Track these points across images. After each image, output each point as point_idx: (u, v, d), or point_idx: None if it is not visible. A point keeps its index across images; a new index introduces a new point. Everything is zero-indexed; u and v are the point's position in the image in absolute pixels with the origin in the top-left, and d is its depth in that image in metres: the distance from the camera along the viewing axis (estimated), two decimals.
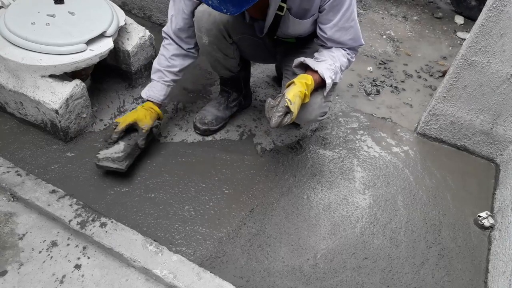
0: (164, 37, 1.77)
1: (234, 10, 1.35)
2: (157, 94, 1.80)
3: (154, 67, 1.80)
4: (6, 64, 1.71)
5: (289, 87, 1.51)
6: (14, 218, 1.58)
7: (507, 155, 2.01)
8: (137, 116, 1.74)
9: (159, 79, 1.79)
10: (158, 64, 1.79)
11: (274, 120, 1.45)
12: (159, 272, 1.44)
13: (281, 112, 1.44)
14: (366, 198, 1.85)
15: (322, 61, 1.56)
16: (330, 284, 1.55)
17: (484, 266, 1.69)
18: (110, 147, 1.70)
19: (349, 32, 1.57)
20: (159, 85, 1.80)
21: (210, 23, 1.60)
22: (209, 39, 1.65)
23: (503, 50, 1.75)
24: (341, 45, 1.60)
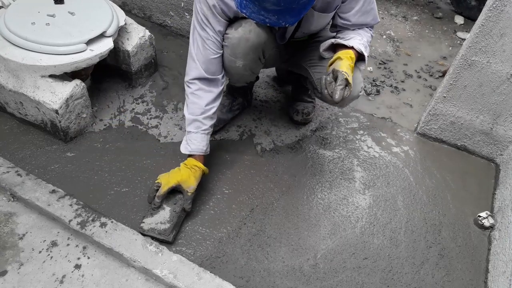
0: (191, 83, 1.63)
1: (292, 21, 1.36)
2: (200, 146, 1.66)
3: (188, 118, 1.65)
4: (6, 64, 1.71)
5: (335, 63, 1.50)
6: (14, 218, 1.58)
7: (507, 155, 2.01)
8: (181, 178, 1.60)
9: (197, 129, 1.65)
10: (192, 114, 1.64)
11: (338, 93, 1.42)
12: (159, 272, 1.44)
13: (342, 85, 1.42)
14: (366, 198, 1.85)
15: (351, 38, 1.57)
16: (330, 284, 1.55)
17: (484, 266, 1.69)
18: (155, 214, 1.57)
19: (370, 13, 1.61)
20: (199, 135, 1.65)
21: (247, 48, 1.55)
22: (244, 63, 1.60)
23: (503, 50, 1.75)
24: (364, 26, 1.63)
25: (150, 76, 2.21)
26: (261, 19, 1.37)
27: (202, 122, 1.65)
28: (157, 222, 1.56)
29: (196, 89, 1.63)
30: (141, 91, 2.13)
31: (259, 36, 1.55)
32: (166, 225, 1.56)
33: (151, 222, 1.56)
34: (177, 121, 2.02)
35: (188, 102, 1.66)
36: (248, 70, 1.66)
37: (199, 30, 1.55)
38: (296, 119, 2.08)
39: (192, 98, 1.64)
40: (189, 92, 1.65)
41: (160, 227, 1.55)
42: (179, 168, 1.63)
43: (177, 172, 1.62)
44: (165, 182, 1.59)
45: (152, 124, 1.98)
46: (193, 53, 1.59)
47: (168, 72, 2.25)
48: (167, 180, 1.60)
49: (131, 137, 1.91)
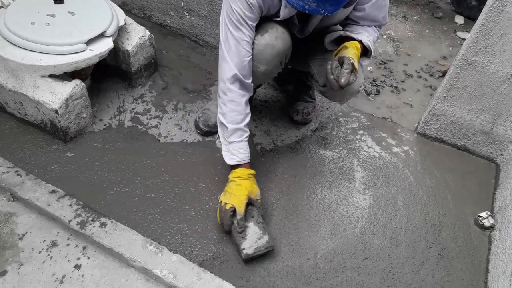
0: (228, 89, 1.57)
1: (331, 9, 1.35)
2: (246, 154, 1.62)
3: (230, 128, 1.58)
4: (6, 64, 1.71)
5: (341, 51, 1.50)
6: (14, 218, 1.58)
7: (507, 155, 2.01)
8: (248, 191, 1.57)
9: (241, 137, 1.60)
10: (232, 123, 1.58)
11: (344, 77, 1.42)
12: (159, 272, 1.44)
13: (349, 69, 1.42)
14: (366, 198, 1.85)
15: (359, 33, 1.58)
16: (330, 284, 1.55)
17: (484, 266, 1.68)
18: (246, 235, 1.54)
19: (383, 10, 1.62)
20: (243, 144, 1.62)
21: (273, 55, 1.56)
22: (266, 68, 1.59)
23: (503, 50, 1.75)
24: (374, 23, 1.64)
25: (150, 76, 2.20)
26: (300, 6, 1.34)
27: (244, 130, 1.61)
28: (254, 241, 1.53)
29: (233, 96, 1.57)
30: (141, 91, 2.13)
31: (285, 43, 1.57)
32: (264, 238, 1.54)
33: (250, 244, 1.52)
34: (177, 121, 2.02)
35: (225, 111, 1.59)
36: (268, 75, 1.66)
37: (233, 31, 1.50)
38: (296, 119, 2.07)
39: (231, 105, 1.58)
40: (227, 100, 1.58)
41: (261, 243, 1.53)
42: (236, 183, 1.58)
43: (239, 187, 1.57)
44: (237, 203, 1.54)
45: (152, 124, 1.98)
46: (226, 55, 1.53)
47: (168, 72, 2.25)
48: (238, 200, 1.54)
49: (131, 137, 1.91)
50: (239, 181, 1.59)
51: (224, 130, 1.62)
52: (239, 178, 1.59)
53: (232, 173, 1.62)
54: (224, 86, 1.58)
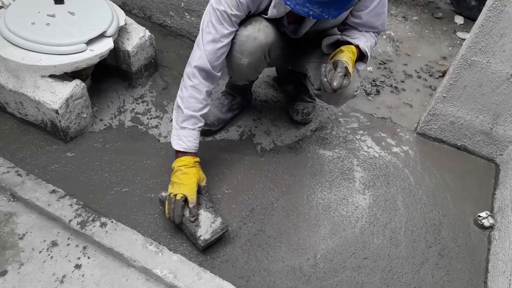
0: (192, 75, 1.56)
1: (335, 14, 1.35)
2: (195, 144, 1.60)
3: (185, 113, 1.57)
4: (6, 64, 1.72)
5: (337, 55, 1.50)
6: (14, 218, 1.58)
7: (507, 155, 2.01)
8: (197, 178, 1.56)
9: (194, 126, 1.59)
10: (189, 109, 1.57)
11: (337, 81, 1.42)
12: (159, 272, 1.44)
13: (342, 73, 1.42)
14: (366, 198, 1.85)
15: (357, 38, 1.58)
16: (330, 284, 1.55)
17: (484, 266, 1.69)
18: (200, 223, 1.52)
19: (381, 17, 1.61)
20: (195, 133, 1.60)
21: (255, 47, 1.56)
22: (249, 61, 1.60)
23: (503, 50, 1.75)
24: (372, 29, 1.64)
25: (150, 76, 2.21)
26: (305, 12, 1.33)
27: (199, 119, 1.60)
28: (209, 225, 1.52)
29: (197, 83, 1.56)
30: (141, 91, 2.13)
31: (267, 36, 1.56)
32: (218, 220, 1.53)
33: (206, 230, 1.51)
34: None
35: (185, 95, 1.57)
36: (252, 68, 1.66)
37: (216, 23, 1.50)
38: (296, 119, 2.08)
39: (192, 91, 1.57)
40: (188, 85, 1.57)
41: (215, 226, 1.52)
42: (182, 172, 1.55)
43: (187, 176, 1.55)
44: (188, 191, 1.52)
45: (152, 124, 1.99)
46: (202, 42, 1.53)
47: (168, 72, 2.25)
48: (188, 188, 1.52)
49: (131, 137, 1.91)
50: (185, 169, 1.56)
51: (179, 114, 1.59)
52: (185, 166, 1.56)
53: (177, 162, 1.58)
54: (190, 71, 1.57)
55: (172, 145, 1.61)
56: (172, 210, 1.50)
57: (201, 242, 1.49)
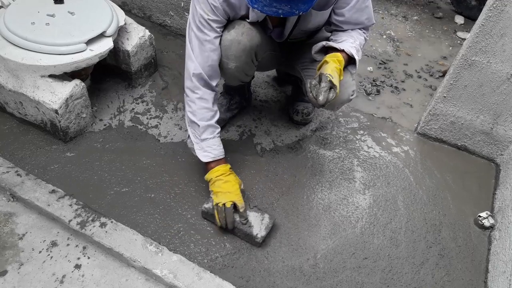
0: (193, 88, 1.59)
1: (305, 8, 1.34)
2: (220, 149, 1.65)
3: (201, 126, 1.60)
4: (6, 64, 1.71)
5: (322, 67, 1.49)
6: (14, 218, 1.58)
7: (507, 155, 2.01)
8: (238, 184, 1.63)
9: (213, 134, 1.63)
10: (203, 120, 1.60)
11: (322, 96, 1.40)
12: (159, 272, 1.44)
13: (326, 87, 1.41)
14: (366, 198, 1.85)
15: (343, 41, 1.56)
16: (330, 284, 1.55)
17: (484, 266, 1.68)
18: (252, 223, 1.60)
19: (365, 12, 1.59)
20: (216, 140, 1.64)
21: (240, 50, 1.56)
22: (236, 65, 1.60)
23: (503, 50, 1.75)
24: (358, 26, 1.62)
25: (150, 76, 2.21)
26: (274, 12, 1.34)
27: (215, 126, 1.64)
28: (260, 223, 1.60)
29: (202, 93, 1.59)
30: (141, 91, 2.13)
31: (251, 39, 1.56)
32: (265, 216, 1.62)
33: (260, 228, 1.59)
34: (177, 121, 2.02)
35: (194, 108, 1.60)
36: (241, 72, 1.66)
37: (197, 31, 1.53)
38: (296, 119, 2.07)
39: (200, 103, 1.60)
40: (195, 98, 1.60)
41: (266, 222, 1.61)
42: (223, 181, 1.59)
43: (229, 183, 1.60)
44: (236, 197, 1.57)
45: (152, 124, 1.98)
46: (192, 53, 1.56)
47: (168, 72, 2.25)
48: (235, 195, 1.58)
49: (131, 137, 1.91)
50: (225, 178, 1.60)
51: (195, 128, 1.63)
52: (223, 175, 1.61)
53: (212, 173, 1.62)
54: (191, 84, 1.59)
55: (201, 160, 1.64)
56: (223, 218, 1.56)
57: (259, 239, 1.57)
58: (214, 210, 1.57)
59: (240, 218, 1.58)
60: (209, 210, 1.61)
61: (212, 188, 1.62)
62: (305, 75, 1.78)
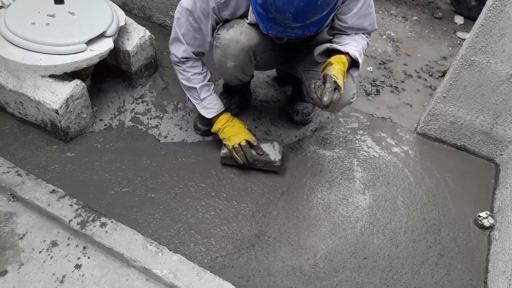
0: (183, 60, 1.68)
1: (316, 29, 1.43)
2: (220, 104, 1.81)
3: (198, 87, 1.73)
4: (6, 64, 1.72)
5: (326, 68, 1.50)
6: (14, 218, 1.58)
7: (507, 155, 2.01)
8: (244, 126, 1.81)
9: (209, 91, 1.77)
10: (198, 82, 1.73)
11: (326, 96, 1.42)
12: (159, 272, 1.44)
13: (331, 88, 1.43)
14: (366, 198, 1.85)
15: (347, 43, 1.57)
16: (330, 284, 1.55)
17: (484, 266, 1.69)
18: (267, 151, 1.79)
19: (368, 18, 1.60)
20: (214, 95, 1.79)
21: (238, 50, 1.58)
22: (234, 64, 1.63)
23: (503, 50, 1.75)
24: (360, 31, 1.63)
25: (150, 76, 2.21)
26: (287, 35, 1.44)
27: (209, 84, 1.77)
28: (273, 150, 1.81)
29: (192, 63, 1.70)
30: (141, 91, 2.13)
31: (250, 38, 1.57)
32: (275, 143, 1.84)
33: (275, 154, 1.80)
34: (177, 121, 2.02)
35: (188, 76, 1.72)
36: (239, 71, 1.67)
37: (193, 22, 1.58)
38: (296, 119, 2.08)
39: (192, 70, 1.71)
40: (186, 67, 1.70)
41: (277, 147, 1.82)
42: (230, 126, 1.78)
43: (236, 126, 1.78)
44: (247, 135, 1.77)
45: (152, 124, 1.99)
46: (181, 37, 1.63)
47: (168, 72, 2.25)
48: (245, 133, 1.78)
49: (131, 137, 1.91)
50: (230, 123, 1.79)
51: (193, 91, 1.76)
52: (228, 121, 1.79)
53: (218, 123, 1.80)
54: (178, 60, 1.70)
55: (206, 117, 1.80)
56: (243, 155, 1.75)
57: (277, 163, 1.78)
58: (231, 153, 1.76)
59: (256, 151, 1.77)
60: (227, 154, 1.79)
61: (222, 135, 1.79)
62: (307, 76, 1.78)
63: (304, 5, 1.29)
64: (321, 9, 1.34)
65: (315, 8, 1.32)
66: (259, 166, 1.80)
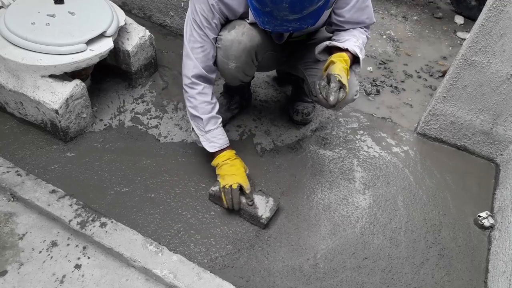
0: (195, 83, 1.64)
1: (313, 21, 1.41)
2: (225, 138, 1.72)
3: (204, 119, 1.66)
4: (6, 64, 1.72)
5: (329, 67, 1.50)
6: (14, 218, 1.58)
7: (507, 155, 2.01)
8: (243, 168, 1.69)
9: (216, 125, 1.69)
10: (205, 113, 1.66)
11: (332, 96, 1.42)
12: (159, 272, 1.44)
13: (336, 87, 1.42)
14: (366, 198, 1.85)
15: (346, 40, 1.56)
16: (330, 284, 1.55)
17: (484, 266, 1.69)
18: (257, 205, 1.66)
19: (365, 11, 1.60)
20: (220, 130, 1.71)
21: (240, 50, 1.57)
22: (236, 65, 1.62)
23: (503, 50, 1.75)
24: (358, 25, 1.62)
25: (150, 76, 2.21)
26: (284, 29, 1.42)
27: (217, 117, 1.70)
28: (265, 205, 1.66)
29: (201, 88, 1.64)
30: (141, 91, 2.13)
31: (252, 39, 1.57)
32: (270, 199, 1.68)
33: (264, 209, 1.65)
34: (177, 121, 2.02)
35: (195, 103, 1.65)
36: (240, 72, 1.67)
37: (198, 30, 1.57)
38: (296, 119, 2.08)
39: (201, 98, 1.65)
40: (195, 93, 1.64)
41: (270, 204, 1.67)
42: (229, 165, 1.67)
43: (235, 167, 1.67)
44: (242, 180, 1.65)
45: (152, 124, 1.99)
46: (190, 52, 1.60)
47: (168, 72, 2.25)
48: (241, 177, 1.65)
49: (131, 137, 1.91)
50: (231, 162, 1.68)
51: (199, 122, 1.69)
52: (229, 159, 1.68)
53: (218, 158, 1.70)
54: (189, 82, 1.64)
55: (209, 151, 1.71)
56: (230, 200, 1.63)
57: (263, 220, 1.63)
58: (221, 193, 1.64)
59: (246, 200, 1.65)
60: (216, 193, 1.67)
61: (219, 172, 1.68)
62: (309, 75, 1.78)
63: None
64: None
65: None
66: (244, 216, 1.67)
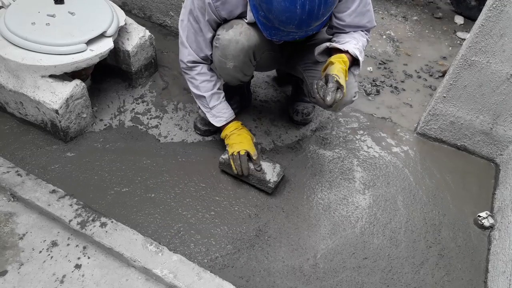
0: (191, 67, 1.72)
1: (317, 28, 1.45)
2: (230, 111, 1.82)
3: (207, 96, 1.75)
4: (6, 64, 1.72)
5: (327, 68, 1.51)
6: (14, 218, 1.58)
7: (507, 155, 2.01)
8: (250, 136, 1.79)
9: (219, 100, 1.78)
10: (208, 91, 1.75)
11: (329, 96, 1.43)
12: (159, 272, 1.44)
13: (334, 88, 1.43)
14: (366, 198, 1.85)
15: (346, 42, 1.57)
16: (330, 284, 1.55)
17: (484, 266, 1.69)
18: (265, 170, 1.74)
19: (366, 15, 1.61)
20: (223, 104, 1.80)
21: (237, 50, 1.58)
22: (234, 64, 1.63)
23: (503, 50, 1.75)
24: (359, 28, 1.63)
25: (150, 76, 2.21)
26: (291, 38, 1.47)
27: (219, 92, 1.78)
28: (272, 170, 1.75)
29: (200, 69, 1.72)
30: (141, 91, 2.13)
31: (249, 39, 1.57)
32: (277, 165, 1.77)
33: (272, 174, 1.73)
34: (177, 121, 2.02)
35: (197, 83, 1.73)
36: (239, 71, 1.67)
37: (193, 23, 1.61)
38: (296, 119, 2.08)
39: (200, 77, 1.72)
40: (194, 74, 1.72)
41: (277, 170, 1.75)
42: (236, 134, 1.76)
43: (242, 135, 1.76)
44: (249, 147, 1.73)
45: (152, 124, 1.99)
46: (185, 41, 1.66)
47: (168, 72, 2.25)
48: (248, 144, 1.74)
49: (131, 137, 1.91)
50: (238, 131, 1.78)
51: (202, 100, 1.78)
52: (236, 129, 1.78)
53: (226, 129, 1.80)
54: (186, 66, 1.72)
55: (216, 125, 1.81)
56: (239, 166, 1.71)
57: (271, 184, 1.72)
58: (230, 160, 1.73)
59: (254, 166, 1.73)
60: (225, 161, 1.77)
61: (227, 141, 1.78)
62: (308, 76, 1.78)
63: (307, 17, 1.33)
64: (322, 16, 1.38)
65: (317, 17, 1.36)
66: (252, 182, 1.75)
